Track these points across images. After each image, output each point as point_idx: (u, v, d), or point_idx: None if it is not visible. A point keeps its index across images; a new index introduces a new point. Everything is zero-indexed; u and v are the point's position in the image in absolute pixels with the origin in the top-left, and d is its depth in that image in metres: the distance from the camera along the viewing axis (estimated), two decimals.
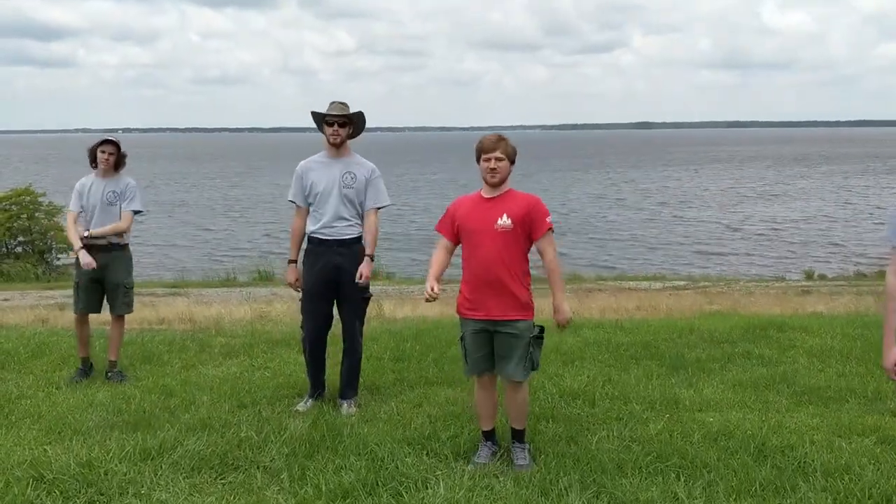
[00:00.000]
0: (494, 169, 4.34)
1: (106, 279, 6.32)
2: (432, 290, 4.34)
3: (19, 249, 28.04)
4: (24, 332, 8.66)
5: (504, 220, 4.31)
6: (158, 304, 13.93)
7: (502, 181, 4.39)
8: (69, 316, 6.57)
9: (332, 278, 5.43)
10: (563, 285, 4.45)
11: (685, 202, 49.80)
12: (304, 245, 5.61)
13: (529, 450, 4.47)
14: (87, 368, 6.51)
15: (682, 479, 4.08)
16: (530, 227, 4.36)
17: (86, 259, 6.12)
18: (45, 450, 4.54)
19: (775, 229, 37.80)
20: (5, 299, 16.70)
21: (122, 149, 6.33)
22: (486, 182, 4.40)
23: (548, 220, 4.40)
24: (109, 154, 6.25)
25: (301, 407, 5.47)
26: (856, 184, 61.37)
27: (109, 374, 6.38)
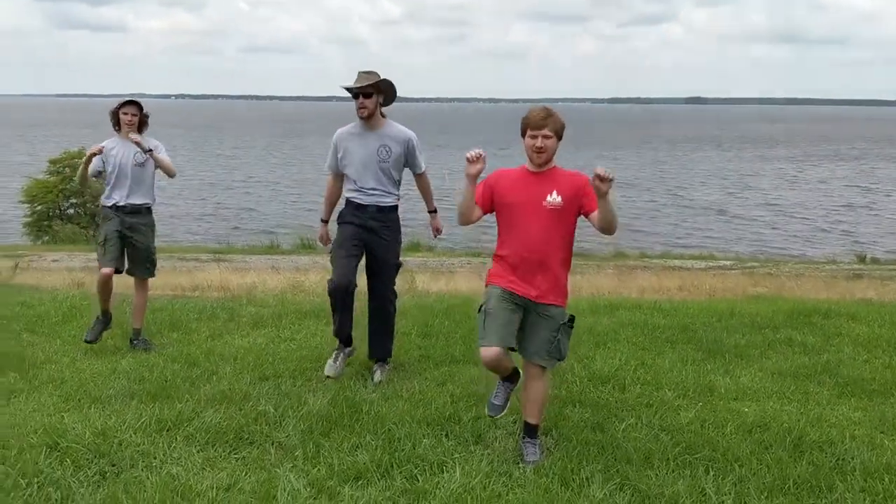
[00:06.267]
0: (541, 148, 4.02)
1: (132, 241, 6.29)
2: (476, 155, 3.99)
3: (71, 211, 28.63)
4: (57, 295, 8.74)
5: (554, 197, 4.02)
6: (197, 270, 14.04)
7: (548, 160, 4.09)
8: None
9: (364, 239, 5.37)
10: (614, 209, 4.00)
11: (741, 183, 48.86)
12: (342, 206, 5.57)
13: (541, 445, 4.19)
14: (107, 319, 6.43)
15: (712, 474, 3.88)
16: (580, 205, 4.04)
17: (95, 163, 6.15)
18: (62, 417, 4.51)
19: (823, 211, 36.92)
20: (54, 260, 17.05)
21: (145, 110, 6.28)
22: (532, 161, 4.10)
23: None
24: (132, 115, 6.20)
25: (330, 371, 5.40)
26: None
27: (135, 341, 6.35)
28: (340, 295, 5.35)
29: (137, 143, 6.14)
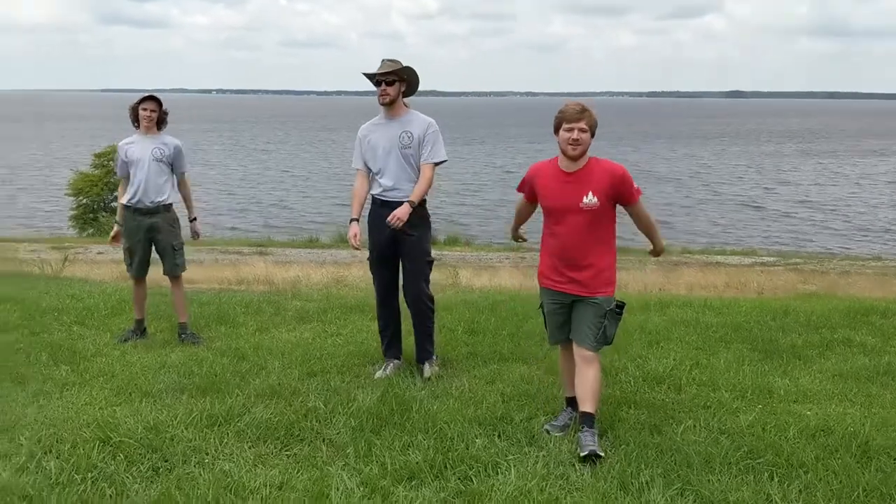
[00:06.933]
0: (577, 140, 4.08)
1: (154, 241, 6.31)
2: (518, 238, 4.82)
3: (115, 204, 29.10)
4: (106, 288, 8.81)
5: (590, 199, 4.11)
6: (240, 263, 14.13)
7: (582, 154, 4.15)
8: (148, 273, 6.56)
9: (395, 239, 5.27)
10: (658, 232, 4.49)
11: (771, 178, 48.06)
12: (369, 206, 5.48)
13: (599, 434, 4.13)
14: (140, 330, 6.49)
15: (777, 480, 3.74)
16: (618, 199, 4.19)
17: (115, 231, 6.42)
18: (114, 411, 4.52)
19: (864, 207, 36.15)
20: (100, 252, 17.30)
21: (164, 106, 6.30)
22: (566, 154, 4.15)
23: (636, 186, 4.20)
24: (151, 111, 6.20)
25: (379, 374, 5.35)
26: None
27: (183, 335, 6.36)
28: (380, 309, 5.58)
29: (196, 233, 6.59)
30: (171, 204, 6.33)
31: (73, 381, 5.16)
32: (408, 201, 5.18)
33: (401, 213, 5.12)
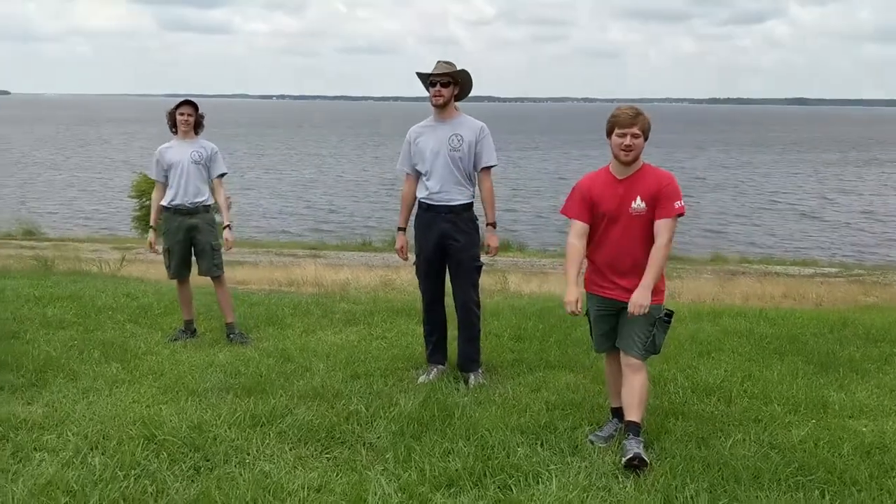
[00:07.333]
0: (630, 146, 4.01)
1: (194, 241, 6.39)
2: (576, 305, 4.08)
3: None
4: (160, 287, 8.98)
5: (638, 204, 4.04)
6: (293, 265, 14.28)
7: (636, 159, 4.07)
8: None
9: (442, 245, 5.25)
10: (657, 273, 4.02)
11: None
12: (415, 211, 5.46)
13: (644, 445, 4.01)
14: (189, 330, 6.57)
15: (828, 498, 3.60)
16: (656, 207, 4.05)
17: (151, 237, 6.53)
18: (160, 409, 4.58)
19: None
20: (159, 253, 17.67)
21: (200, 110, 6.40)
22: (619, 160, 4.07)
23: (676, 204, 4.03)
24: (188, 115, 6.32)
25: (423, 378, 5.32)
26: None
27: (231, 335, 6.44)
28: (427, 314, 5.53)
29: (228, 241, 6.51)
30: (210, 205, 6.44)
31: (122, 379, 5.26)
32: (489, 224, 5.32)
33: (494, 243, 5.35)
